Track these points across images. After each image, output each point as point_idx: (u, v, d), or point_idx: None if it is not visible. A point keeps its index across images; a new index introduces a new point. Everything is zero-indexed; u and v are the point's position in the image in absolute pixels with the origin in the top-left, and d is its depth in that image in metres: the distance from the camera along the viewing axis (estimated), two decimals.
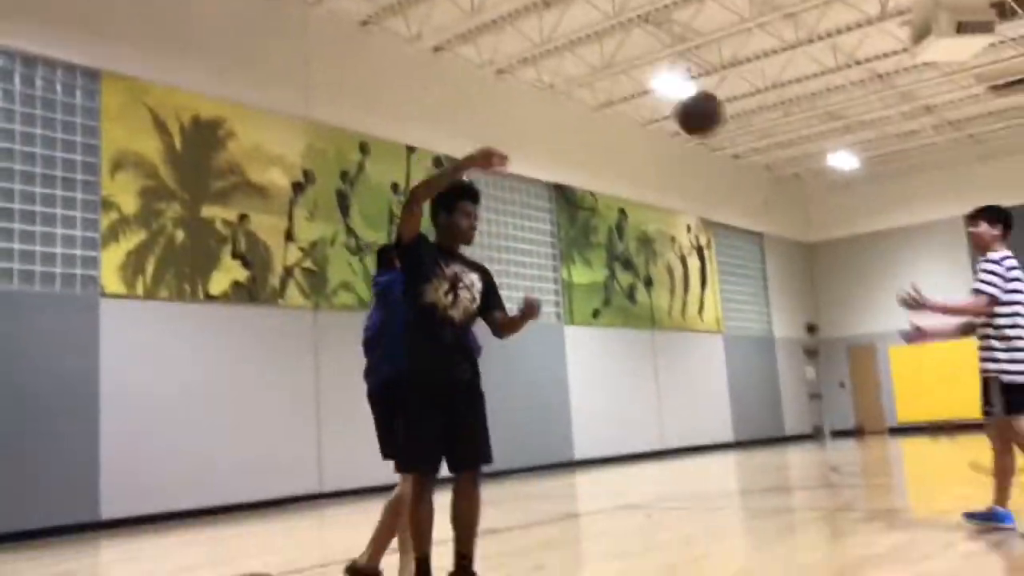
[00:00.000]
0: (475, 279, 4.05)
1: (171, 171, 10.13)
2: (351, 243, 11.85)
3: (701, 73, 14.91)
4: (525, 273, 14.59)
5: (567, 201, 15.74)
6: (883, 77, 15.94)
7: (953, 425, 18.09)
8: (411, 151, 12.89)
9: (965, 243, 20.32)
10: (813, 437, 21.31)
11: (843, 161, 20.04)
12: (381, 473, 11.77)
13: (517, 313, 4.00)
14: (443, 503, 3.83)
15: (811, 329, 22.70)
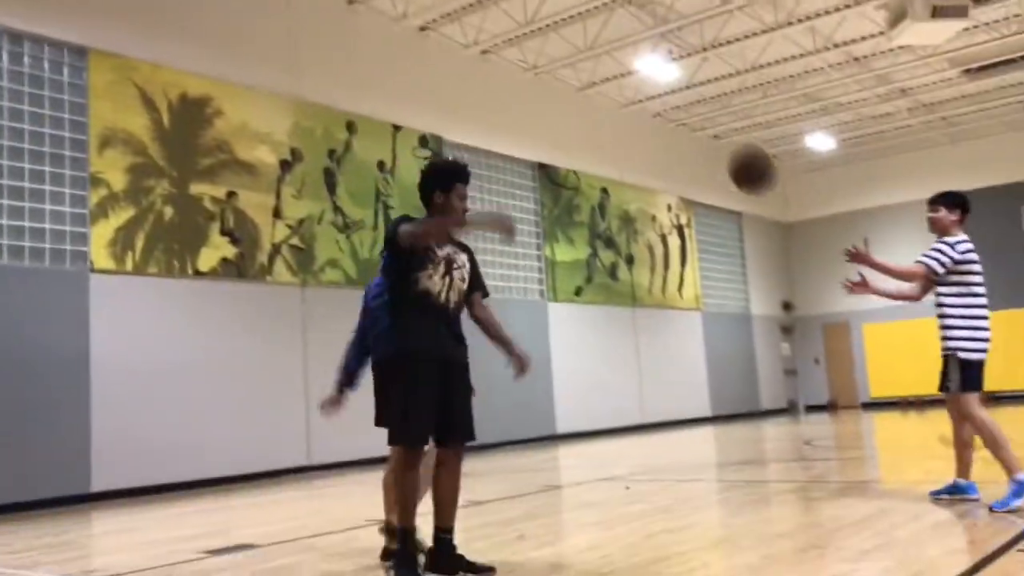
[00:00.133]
0: (464, 260, 4.18)
1: (159, 148, 10.18)
2: (338, 221, 11.97)
3: (683, 55, 15.08)
4: (509, 251, 14.76)
5: (551, 180, 15.90)
6: (860, 60, 16.18)
7: (923, 400, 18.59)
8: (397, 130, 12.98)
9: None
10: (788, 412, 21.77)
11: (820, 142, 20.33)
12: (368, 446, 11.97)
13: (511, 355, 4.13)
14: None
15: (787, 307, 23.11)
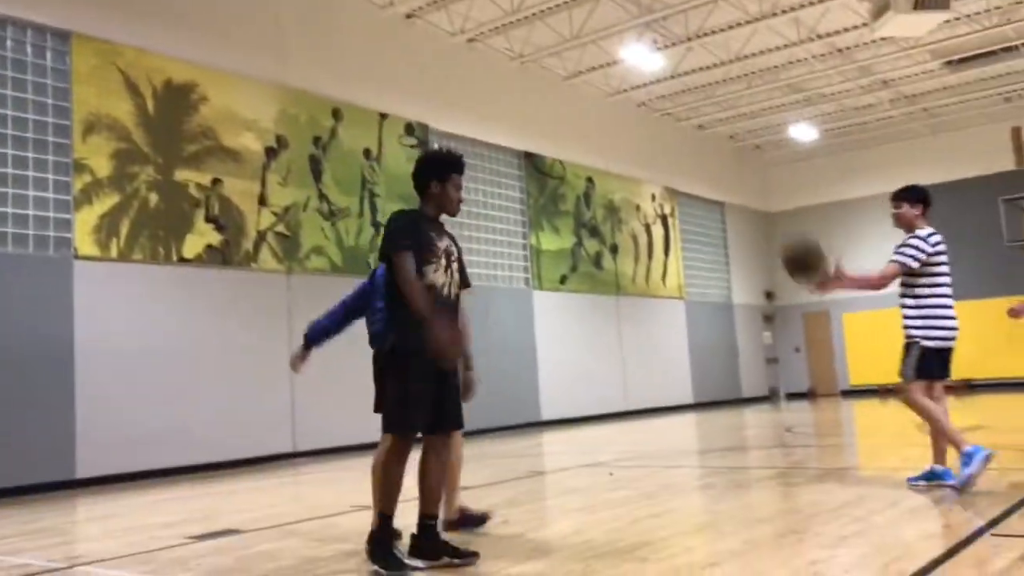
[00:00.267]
0: (456, 251, 4.21)
1: (144, 134, 10.14)
2: (324, 208, 11.97)
3: (667, 44, 15.14)
4: (495, 239, 14.82)
5: (536, 169, 15.95)
6: (843, 51, 16.31)
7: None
8: (383, 118, 12.98)
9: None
10: (769, 399, 22.01)
11: (803, 133, 20.50)
12: (353, 433, 12.02)
13: (464, 370, 4.38)
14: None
15: (769, 296, 23.33)
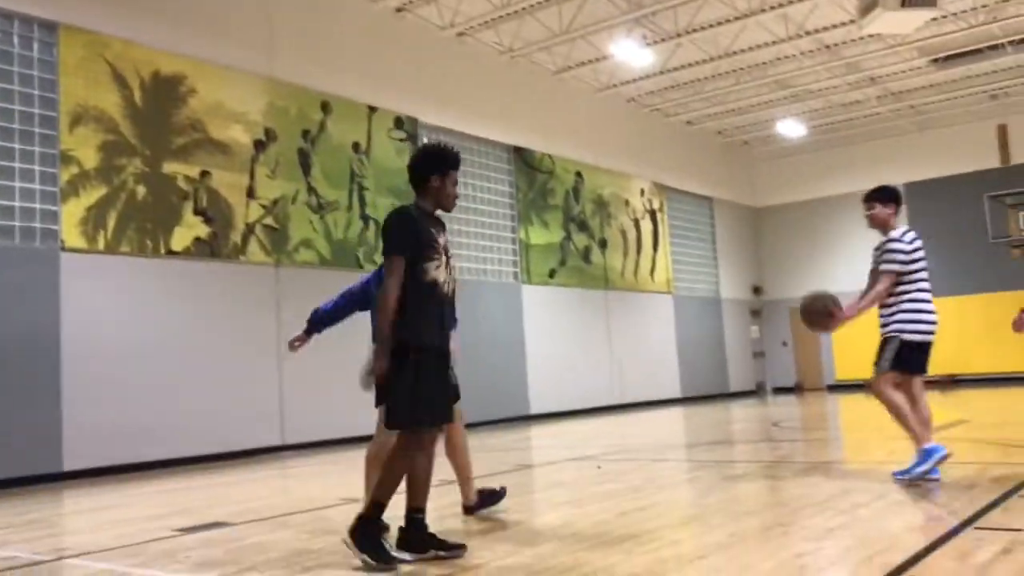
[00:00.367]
0: (448, 246, 4.26)
1: (131, 126, 10.09)
2: (312, 201, 11.95)
3: (657, 40, 15.16)
4: (484, 233, 14.83)
5: (526, 163, 15.96)
6: (830, 48, 16.38)
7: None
8: (373, 111, 12.96)
9: (905, 209, 21.01)
10: (756, 393, 22.14)
11: (791, 129, 20.58)
12: (342, 426, 12.03)
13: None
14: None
15: (756, 291, 23.46)
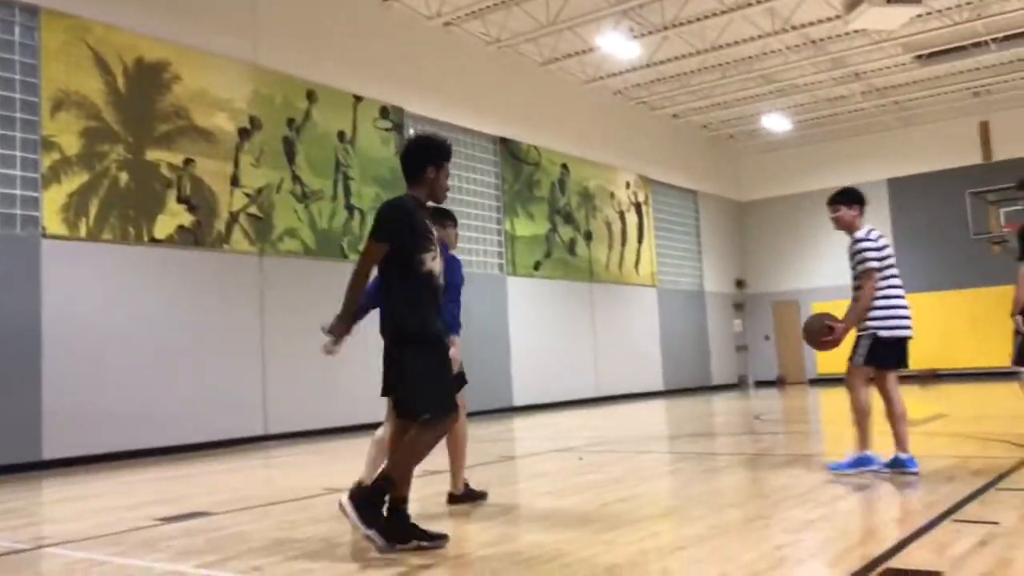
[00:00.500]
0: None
1: (114, 113, 10.00)
2: (297, 190, 11.89)
3: (644, 33, 15.17)
4: (470, 225, 14.81)
5: (512, 155, 15.94)
6: (816, 43, 16.44)
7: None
8: (358, 100, 12.90)
9: (887, 205, 21.29)
10: (738, 386, 22.27)
11: (776, 123, 20.67)
12: (325, 416, 12.01)
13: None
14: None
15: (740, 284, 23.57)
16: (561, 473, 6.91)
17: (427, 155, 4.14)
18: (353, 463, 8.59)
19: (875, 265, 5.68)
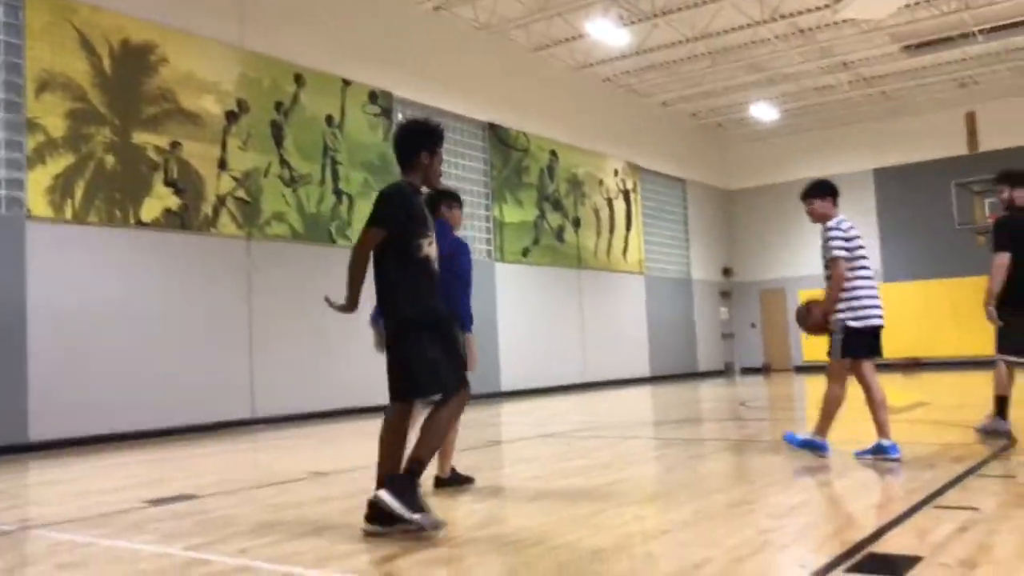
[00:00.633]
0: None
1: (100, 94, 9.91)
2: (285, 174, 11.84)
3: (633, 20, 15.15)
4: None
5: (501, 141, 15.91)
6: (805, 32, 16.47)
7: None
8: (347, 84, 12.84)
9: (873, 194, 21.40)
10: (724, 373, 22.40)
11: (764, 112, 20.70)
12: (312, 400, 12.00)
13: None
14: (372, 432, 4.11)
15: (727, 272, 23.67)
16: (548, 458, 6.95)
17: (420, 140, 4.14)
18: (341, 447, 8.63)
19: (843, 254, 5.75)
